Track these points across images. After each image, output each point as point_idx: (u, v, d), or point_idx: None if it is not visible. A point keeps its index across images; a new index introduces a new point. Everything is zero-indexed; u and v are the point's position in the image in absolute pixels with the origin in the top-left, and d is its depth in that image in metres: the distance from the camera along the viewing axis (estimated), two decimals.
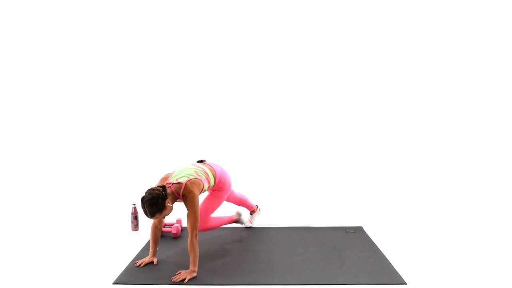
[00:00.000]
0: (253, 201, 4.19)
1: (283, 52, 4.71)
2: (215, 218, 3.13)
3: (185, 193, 2.62)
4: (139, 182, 4.68)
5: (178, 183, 2.66)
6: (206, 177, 2.83)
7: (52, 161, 4.77)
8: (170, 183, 2.68)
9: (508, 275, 2.63)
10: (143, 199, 2.47)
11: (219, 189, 3.01)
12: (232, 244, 3.15)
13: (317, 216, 3.84)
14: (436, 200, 4.29)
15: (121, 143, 4.81)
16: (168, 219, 3.71)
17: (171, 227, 3.45)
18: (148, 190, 2.51)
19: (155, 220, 2.78)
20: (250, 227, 3.55)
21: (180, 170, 2.81)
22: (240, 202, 3.38)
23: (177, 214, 3.90)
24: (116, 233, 3.42)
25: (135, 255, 2.96)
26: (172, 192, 2.64)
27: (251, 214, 3.54)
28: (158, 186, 2.56)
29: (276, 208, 4.07)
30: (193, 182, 2.67)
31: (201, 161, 3.05)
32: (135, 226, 3.47)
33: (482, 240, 3.22)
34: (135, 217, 3.45)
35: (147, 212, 2.48)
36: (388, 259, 2.87)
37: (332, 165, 4.82)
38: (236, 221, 3.40)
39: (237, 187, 4.43)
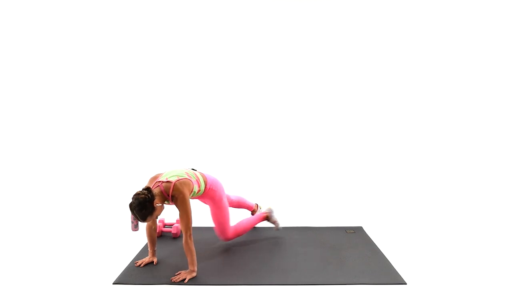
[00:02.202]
0: (251, 200, 4.17)
1: (282, 53, 4.70)
2: (240, 223, 3.10)
3: (174, 193, 2.57)
4: (139, 182, 4.67)
5: (168, 182, 2.61)
6: (196, 180, 2.77)
7: (52, 161, 4.77)
8: (159, 181, 2.64)
9: (508, 275, 2.63)
10: (131, 205, 2.44)
11: (211, 197, 2.92)
12: (232, 244, 3.15)
13: (317, 216, 3.83)
14: (436, 200, 4.29)
15: (121, 143, 4.81)
16: (168, 219, 3.71)
17: (171, 227, 3.45)
18: (134, 195, 2.47)
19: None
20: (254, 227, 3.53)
21: (171, 171, 2.77)
22: (238, 204, 3.34)
23: (177, 214, 3.89)
24: (116, 233, 3.42)
25: (135, 255, 2.96)
26: (161, 192, 2.58)
27: (252, 214, 3.53)
28: (143, 189, 2.50)
29: (276, 208, 4.06)
30: (182, 182, 2.61)
31: (193, 170, 3.02)
32: (135, 226, 3.46)
33: (482, 240, 3.22)
34: (135, 217, 3.44)
35: (138, 218, 2.46)
36: (388, 259, 2.87)
37: (332, 165, 4.81)
38: (267, 219, 3.28)
39: (237, 188, 4.42)
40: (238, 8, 4.64)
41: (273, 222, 3.33)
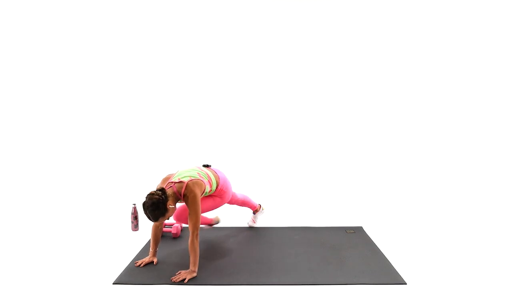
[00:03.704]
0: (256, 200, 4.17)
1: (283, 53, 4.70)
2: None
3: (186, 192, 2.62)
4: (139, 182, 4.68)
5: (180, 182, 2.65)
6: (208, 181, 2.83)
7: (53, 161, 4.77)
8: (172, 182, 2.68)
9: (508, 275, 2.63)
10: (144, 204, 2.47)
11: (220, 196, 3.01)
12: (232, 244, 3.15)
13: (317, 216, 3.83)
14: (436, 200, 4.29)
15: (121, 143, 4.81)
16: (168, 219, 3.71)
17: (171, 227, 3.45)
18: (148, 195, 2.49)
19: None
20: (252, 226, 3.55)
21: (183, 171, 2.81)
22: (243, 203, 3.37)
23: None
24: (116, 233, 3.42)
25: (135, 255, 2.96)
26: (174, 193, 2.62)
27: (254, 213, 3.53)
28: (157, 190, 2.53)
29: (276, 208, 4.07)
30: (195, 182, 2.66)
31: (206, 166, 3.05)
32: (135, 226, 3.47)
33: (482, 240, 3.22)
34: (135, 217, 3.45)
35: (150, 217, 2.47)
36: (388, 259, 2.87)
37: (332, 165, 4.81)
38: (210, 224, 3.48)
39: (238, 188, 4.43)
40: (242, 7, 4.64)
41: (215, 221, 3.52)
